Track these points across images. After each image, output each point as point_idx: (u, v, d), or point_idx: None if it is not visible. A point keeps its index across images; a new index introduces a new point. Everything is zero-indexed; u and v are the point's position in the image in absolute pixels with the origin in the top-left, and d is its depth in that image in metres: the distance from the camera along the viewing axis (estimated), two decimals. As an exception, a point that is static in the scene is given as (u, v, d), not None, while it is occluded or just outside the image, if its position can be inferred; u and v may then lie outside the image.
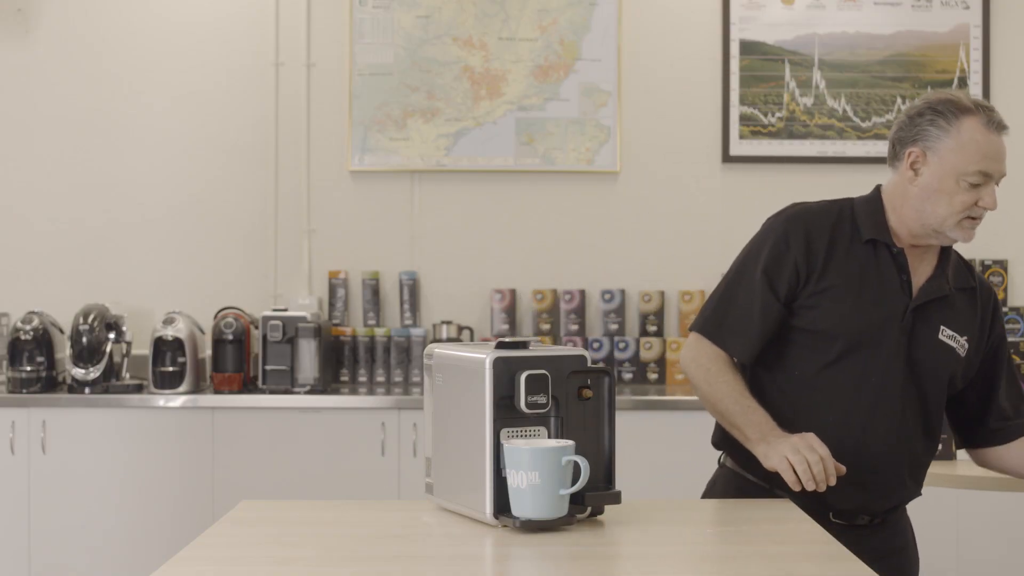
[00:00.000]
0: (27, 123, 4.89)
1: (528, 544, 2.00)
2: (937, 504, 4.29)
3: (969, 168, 2.45)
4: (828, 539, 2.07)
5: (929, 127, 2.48)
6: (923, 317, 2.51)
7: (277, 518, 2.23)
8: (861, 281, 2.51)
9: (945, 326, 2.52)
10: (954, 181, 2.46)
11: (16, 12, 4.89)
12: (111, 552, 4.34)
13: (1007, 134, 2.48)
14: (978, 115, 2.46)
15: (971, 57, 4.88)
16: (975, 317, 2.58)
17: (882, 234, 2.53)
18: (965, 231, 2.50)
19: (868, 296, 2.50)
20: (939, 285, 2.54)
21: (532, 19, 4.86)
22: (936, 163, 2.48)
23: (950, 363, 2.53)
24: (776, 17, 4.88)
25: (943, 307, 2.53)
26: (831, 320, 2.50)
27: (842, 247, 2.53)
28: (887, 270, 2.52)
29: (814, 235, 2.52)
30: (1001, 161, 2.47)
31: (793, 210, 2.58)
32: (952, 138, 2.46)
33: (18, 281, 4.87)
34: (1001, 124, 2.48)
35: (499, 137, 4.86)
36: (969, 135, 2.45)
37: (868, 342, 2.49)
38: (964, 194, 2.47)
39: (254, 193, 4.91)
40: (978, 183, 2.46)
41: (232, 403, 4.39)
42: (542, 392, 2.07)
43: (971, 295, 2.59)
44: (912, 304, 2.51)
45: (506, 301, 4.84)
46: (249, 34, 4.90)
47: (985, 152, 2.45)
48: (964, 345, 2.54)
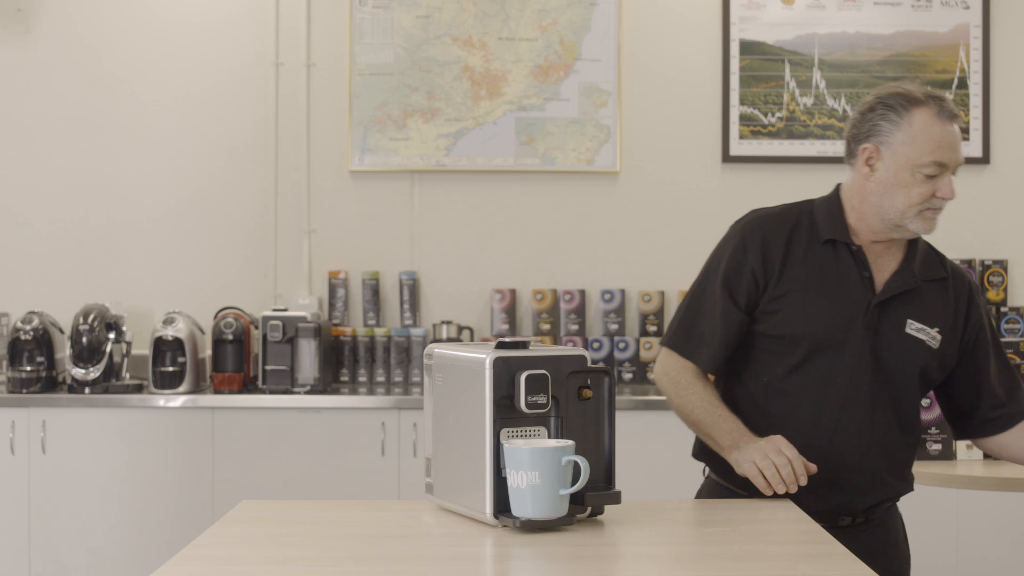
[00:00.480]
0: (27, 123, 4.89)
1: (528, 544, 2.00)
2: (937, 504, 4.29)
3: (923, 159, 2.45)
4: (828, 539, 2.07)
5: (881, 121, 2.49)
6: (888, 312, 2.51)
7: (277, 518, 2.23)
8: (821, 282, 2.52)
9: (912, 319, 2.51)
10: (909, 174, 2.46)
11: (16, 12, 4.89)
12: (111, 552, 4.34)
13: (960, 123, 2.48)
14: (928, 105, 2.46)
15: (971, 57, 4.88)
16: (947, 307, 2.56)
17: (840, 233, 2.54)
18: (926, 222, 2.50)
19: (829, 297, 2.51)
20: (904, 279, 2.53)
21: (532, 19, 4.87)
22: (890, 157, 2.48)
23: (920, 356, 2.51)
24: (776, 17, 4.88)
25: (909, 300, 2.53)
26: (793, 324, 2.51)
27: (800, 250, 2.54)
28: (847, 269, 2.52)
29: (770, 240, 2.54)
30: (956, 150, 2.46)
31: (749, 217, 2.60)
32: (904, 131, 2.46)
33: (18, 281, 4.87)
34: (953, 113, 2.46)
35: (499, 137, 4.86)
36: (921, 126, 2.45)
37: (832, 342, 2.49)
38: (921, 186, 2.46)
39: (254, 193, 4.91)
40: (934, 174, 2.46)
41: (232, 403, 4.39)
42: (542, 392, 2.07)
43: (942, 285, 2.58)
44: (874, 300, 2.50)
45: (506, 301, 4.84)
46: (249, 34, 4.90)
47: (938, 142, 2.45)
48: (936, 336, 2.53)
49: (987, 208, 4.92)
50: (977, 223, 4.91)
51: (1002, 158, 4.91)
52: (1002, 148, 4.91)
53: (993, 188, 4.91)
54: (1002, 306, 4.79)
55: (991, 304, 4.81)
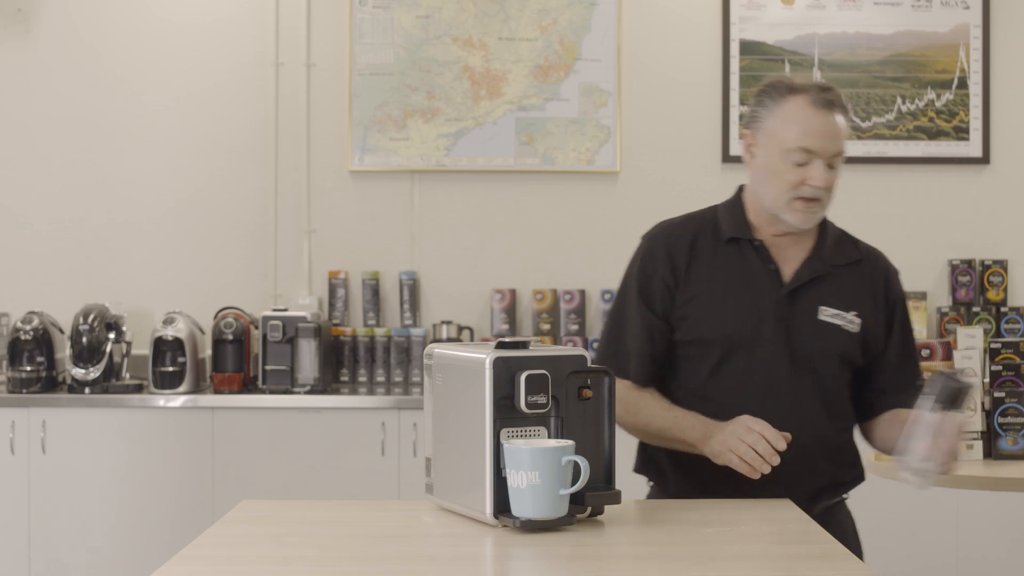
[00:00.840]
0: (27, 123, 4.89)
1: (528, 544, 2.00)
2: (937, 504, 4.29)
3: (791, 144, 2.46)
4: (828, 539, 2.07)
5: (759, 108, 2.52)
6: (798, 302, 2.52)
7: (277, 518, 2.23)
8: (726, 282, 2.54)
9: (825, 306, 2.51)
10: (780, 159, 2.47)
11: (16, 12, 4.89)
12: (111, 552, 4.34)
13: (841, 114, 2.47)
14: (805, 93, 2.47)
15: (971, 57, 4.88)
16: (864, 289, 2.57)
17: (740, 230, 2.56)
18: (797, 213, 2.50)
19: (736, 296, 2.53)
20: (812, 267, 2.54)
21: (532, 19, 4.87)
22: (764, 143, 2.50)
23: (838, 342, 2.51)
24: (776, 17, 4.88)
25: (821, 287, 2.53)
26: (702, 326, 2.53)
27: (704, 254, 2.56)
28: (753, 265, 2.54)
29: (674, 248, 2.57)
30: (827, 138, 2.45)
31: (654, 229, 2.64)
32: (776, 116, 2.49)
33: (18, 281, 4.87)
34: (831, 102, 2.46)
35: (499, 137, 4.86)
36: (792, 112, 2.47)
37: (744, 340, 2.50)
38: (790, 173, 2.47)
39: (254, 193, 4.91)
40: (802, 161, 2.46)
41: (232, 403, 4.39)
42: (542, 392, 2.07)
43: (856, 268, 2.58)
44: (782, 292, 2.51)
45: (506, 301, 4.84)
46: (249, 34, 4.90)
47: (806, 128, 2.45)
48: (854, 320, 2.53)
49: (987, 208, 4.92)
50: (977, 223, 4.91)
51: (1002, 158, 4.91)
52: (1002, 148, 4.91)
53: (993, 188, 4.91)
54: (1002, 306, 4.79)
55: (991, 304, 4.81)
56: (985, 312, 4.78)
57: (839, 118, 2.47)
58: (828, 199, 2.51)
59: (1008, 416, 3.26)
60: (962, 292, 4.83)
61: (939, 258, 4.91)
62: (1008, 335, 4.70)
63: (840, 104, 2.48)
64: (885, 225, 4.89)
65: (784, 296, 2.51)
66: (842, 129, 2.48)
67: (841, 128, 2.48)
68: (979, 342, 3.39)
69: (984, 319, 4.76)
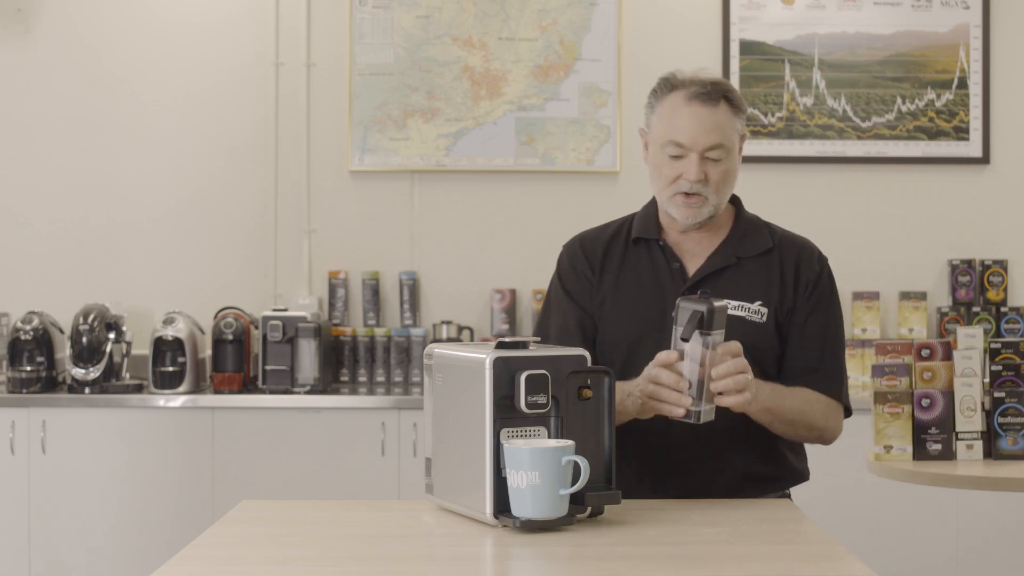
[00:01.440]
0: (27, 123, 4.89)
1: (528, 544, 2.00)
2: (937, 504, 4.29)
3: (664, 137, 2.49)
4: (828, 539, 2.07)
5: (648, 106, 2.58)
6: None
7: (277, 518, 2.23)
8: (633, 283, 2.56)
9: (727, 298, 2.47)
10: (659, 154, 2.51)
11: (16, 12, 4.89)
12: (111, 552, 4.34)
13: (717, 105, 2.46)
14: (683, 88, 2.50)
15: (971, 57, 4.88)
16: (772, 278, 2.54)
17: (646, 231, 2.60)
18: (679, 208, 2.51)
19: (641, 295, 2.55)
20: (715, 261, 2.54)
21: (532, 19, 4.87)
22: (651, 139, 2.55)
23: (742, 333, 2.44)
24: (776, 17, 4.88)
25: (724, 280, 2.53)
26: (610, 329, 2.55)
27: (616, 257, 2.60)
28: (658, 264, 2.57)
29: (588, 252, 2.63)
30: (699, 132, 2.45)
31: (572, 239, 2.70)
32: (657, 112, 2.54)
33: (18, 281, 4.87)
34: (707, 95, 2.47)
35: (499, 137, 4.86)
36: (668, 107, 2.50)
37: (647, 338, 2.49)
38: (667, 167, 2.50)
39: (254, 193, 4.91)
40: (675, 154, 2.48)
41: (232, 403, 4.39)
42: (542, 392, 2.07)
43: (767, 257, 2.56)
44: (683, 287, 2.52)
45: (506, 301, 4.84)
46: (249, 34, 4.90)
47: (676, 122, 2.48)
48: (760, 310, 2.51)
49: (987, 208, 4.92)
50: (977, 223, 4.91)
51: (1002, 158, 4.91)
52: (1002, 148, 4.91)
53: (993, 188, 4.91)
54: (1002, 306, 4.79)
55: (991, 304, 4.81)
56: (985, 312, 4.78)
57: (717, 110, 2.47)
58: (713, 194, 2.49)
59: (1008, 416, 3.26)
60: (962, 292, 4.83)
61: (939, 258, 4.91)
62: (1008, 335, 4.70)
63: (720, 97, 2.47)
64: (885, 225, 4.89)
65: (686, 291, 2.50)
66: (720, 122, 2.47)
67: (718, 121, 2.47)
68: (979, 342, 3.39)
69: (984, 319, 4.76)
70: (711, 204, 2.50)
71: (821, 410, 2.51)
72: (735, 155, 2.52)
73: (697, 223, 2.53)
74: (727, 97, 2.49)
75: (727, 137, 2.49)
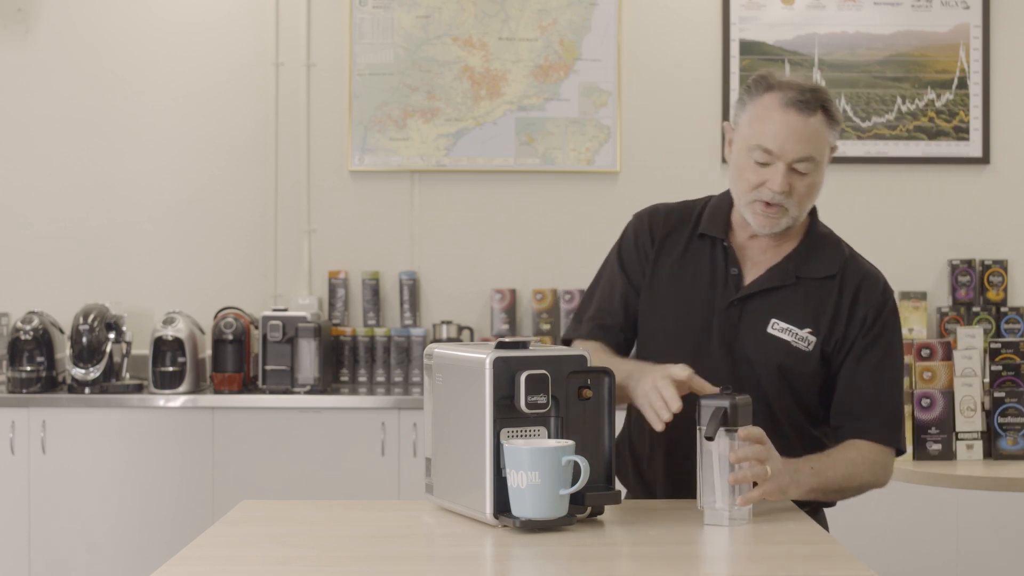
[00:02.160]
0: (27, 123, 4.89)
1: (528, 544, 2.00)
2: (937, 504, 4.29)
3: (752, 141, 2.35)
4: (828, 539, 2.07)
5: (739, 101, 2.44)
6: (751, 310, 2.41)
7: (277, 518, 2.23)
8: (691, 278, 2.46)
9: (777, 319, 2.39)
10: (744, 156, 2.37)
11: (16, 12, 4.89)
12: (111, 552, 4.34)
13: (815, 115, 2.33)
14: (780, 91, 2.35)
15: (971, 57, 4.88)
16: (828, 307, 2.40)
17: (714, 229, 2.48)
18: (757, 216, 2.38)
19: (694, 291, 2.45)
20: (773, 277, 2.42)
21: (532, 19, 4.87)
22: (737, 137, 2.41)
23: (781, 357, 2.38)
24: (776, 17, 4.88)
25: (779, 298, 2.41)
26: (653, 317, 2.48)
27: (678, 243, 2.50)
28: (717, 265, 2.46)
29: (654, 227, 2.52)
30: (791, 140, 2.32)
31: (645, 209, 2.58)
32: (749, 111, 2.39)
33: (18, 281, 4.87)
34: (806, 104, 2.32)
35: (499, 137, 4.86)
36: (762, 109, 2.36)
37: (691, 339, 2.42)
38: (751, 171, 2.36)
39: (254, 193, 4.91)
40: (762, 161, 2.34)
41: (232, 403, 4.39)
42: (542, 392, 2.07)
43: (828, 283, 2.42)
44: (735, 297, 2.42)
45: (506, 301, 4.84)
46: (249, 34, 4.90)
47: (768, 127, 2.33)
48: (807, 338, 2.39)
49: (987, 208, 4.92)
50: (977, 223, 4.92)
51: (1002, 158, 4.91)
52: (1002, 148, 4.91)
53: (993, 188, 4.91)
54: (1002, 306, 4.79)
55: (991, 304, 4.81)
56: (985, 312, 4.78)
57: (812, 120, 2.33)
58: (795, 207, 2.37)
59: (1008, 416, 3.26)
60: (962, 292, 4.83)
61: (939, 258, 4.91)
62: (1008, 335, 4.70)
63: (818, 107, 2.34)
64: (885, 225, 4.89)
65: (737, 301, 2.42)
66: (815, 133, 2.33)
67: (813, 132, 2.33)
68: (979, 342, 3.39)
69: (984, 319, 4.76)
70: (791, 216, 2.38)
71: (868, 467, 2.37)
72: (822, 168, 2.37)
73: (766, 233, 2.41)
74: (825, 107, 2.35)
75: (818, 150, 2.35)
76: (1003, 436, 3.26)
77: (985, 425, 3.27)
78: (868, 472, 2.37)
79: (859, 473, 2.35)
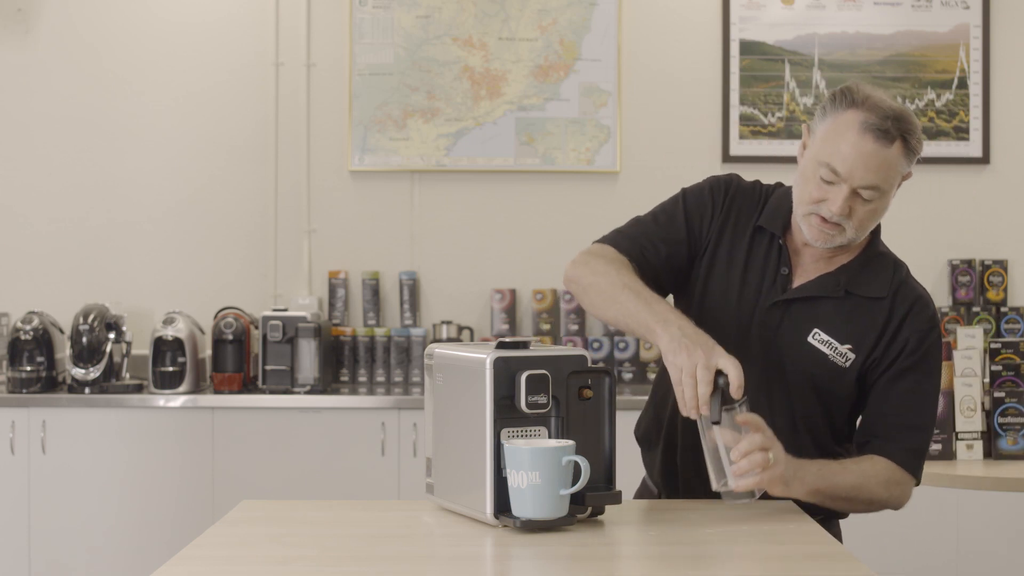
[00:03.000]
0: (27, 123, 4.89)
1: (528, 544, 2.00)
2: (937, 504, 4.29)
3: (822, 157, 2.27)
4: (828, 539, 2.07)
5: (820, 110, 2.36)
6: (794, 315, 2.37)
7: (277, 518, 2.23)
8: (744, 266, 2.41)
9: (820, 329, 2.34)
10: (812, 167, 2.31)
11: (16, 12, 4.89)
12: (111, 552, 4.34)
13: (892, 145, 2.24)
14: (862, 112, 2.26)
15: (971, 57, 4.88)
16: (873, 327, 2.34)
17: (772, 224, 2.42)
18: (812, 229, 2.32)
19: (742, 281, 2.41)
20: (822, 285, 2.37)
21: (532, 19, 4.87)
22: (811, 144, 2.34)
23: (818, 370, 2.34)
24: (776, 17, 4.88)
25: (825, 310, 2.36)
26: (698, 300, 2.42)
27: (741, 228, 2.44)
28: (770, 261, 2.41)
29: (728, 201, 2.45)
30: (861, 168, 2.24)
31: (727, 176, 2.51)
32: (827, 123, 2.31)
33: (18, 281, 4.87)
34: (885, 133, 2.24)
35: (499, 137, 4.86)
36: (841, 125, 2.27)
37: (730, 327, 2.37)
38: (814, 185, 2.29)
39: (254, 193, 4.91)
40: (828, 179, 2.27)
41: (232, 403, 4.39)
42: (542, 392, 2.07)
43: (878, 304, 2.36)
44: (778, 299, 2.37)
45: (506, 301, 4.84)
46: (249, 34, 4.90)
47: (840, 148, 2.26)
48: (846, 354, 2.33)
49: (987, 208, 4.92)
50: (977, 223, 4.92)
51: (1002, 158, 4.92)
52: (1002, 148, 4.92)
53: (993, 188, 4.91)
54: (1002, 306, 4.79)
55: (991, 304, 4.81)
56: (985, 312, 4.78)
57: (888, 150, 2.25)
58: (852, 229, 2.30)
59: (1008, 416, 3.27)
60: (962, 292, 4.83)
61: (939, 258, 4.91)
62: (1008, 335, 4.70)
63: (898, 136, 2.25)
64: (885, 225, 4.86)
65: (781, 303, 2.38)
66: (887, 163, 2.25)
67: (886, 162, 2.25)
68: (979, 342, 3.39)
69: (984, 319, 4.76)
70: (847, 236, 2.31)
71: (882, 483, 2.30)
72: (890, 196, 2.31)
73: (818, 246, 2.34)
74: (905, 137, 2.26)
75: (888, 180, 2.28)
76: (1003, 436, 3.26)
77: (985, 425, 3.27)
78: (881, 488, 2.31)
79: (870, 486, 2.29)
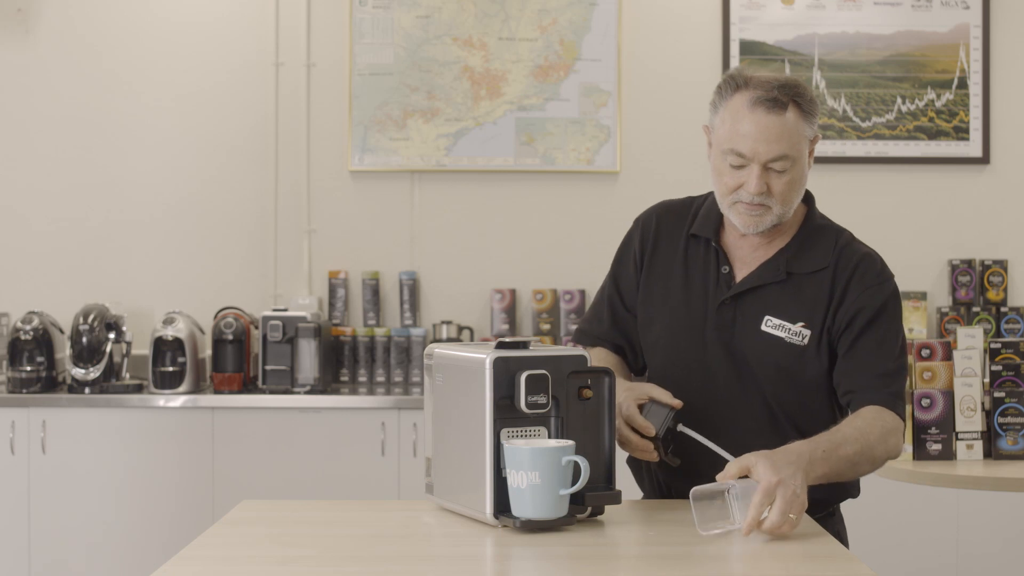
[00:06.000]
0: (27, 123, 4.89)
1: (528, 544, 2.00)
2: (937, 504, 4.29)
3: (725, 145, 2.30)
4: (828, 539, 2.07)
5: (712, 104, 2.38)
6: (744, 309, 2.38)
7: (277, 518, 2.23)
8: (684, 278, 2.44)
9: (771, 316, 2.35)
10: (720, 159, 2.34)
11: (16, 12, 4.89)
12: (111, 552, 4.34)
13: (786, 112, 2.25)
14: (748, 91, 2.28)
15: (971, 57, 4.88)
16: (821, 297, 2.35)
17: (704, 229, 2.44)
18: (740, 216, 2.33)
19: (687, 292, 2.43)
20: (763, 274, 2.37)
21: (532, 19, 4.87)
22: (714, 139, 2.37)
23: (778, 355, 2.34)
24: (776, 17, 4.88)
25: (771, 295, 2.37)
26: (650, 320, 2.48)
27: (673, 244, 2.48)
28: (709, 264, 2.43)
29: (646, 234, 2.51)
30: (763, 142, 2.26)
31: (648, 210, 2.57)
32: (720, 113, 2.33)
33: (18, 281, 4.87)
34: (774, 102, 2.25)
35: (499, 137, 4.86)
36: (733, 109, 2.29)
37: (682, 339, 2.40)
38: (728, 175, 2.32)
39: (254, 193, 4.91)
40: (738, 164, 2.30)
41: (232, 403, 4.39)
42: (542, 392, 2.07)
43: (821, 275, 2.36)
44: (726, 296, 2.38)
45: (506, 301, 4.84)
46: (249, 34, 4.90)
47: (738, 130, 2.28)
48: (801, 332, 2.33)
49: (987, 208, 4.92)
50: (977, 223, 4.92)
51: (1002, 158, 4.92)
52: (1002, 148, 4.92)
53: (993, 188, 4.91)
54: (1002, 306, 4.79)
55: (991, 304, 4.81)
56: (985, 312, 4.78)
57: (783, 118, 2.26)
58: (777, 204, 2.31)
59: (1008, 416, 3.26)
60: (962, 292, 4.83)
61: (939, 258, 4.91)
62: (1008, 335, 4.70)
63: (788, 102, 2.26)
64: (885, 225, 4.89)
65: (729, 300, 2.39)
66: (787, 131, 2.26)
67: (785, 130, 2.26)
68: (979, 342, 3.39)
69: (984, 319, 4.76)
70: (775, 213, 2.32)
71: (879, 435, 2.26)
72: (803, 163, 2.31)
73: (751, 232, 2.36)
74: (796, 101, 2.28)
75: (794, 147, 2.28)
76: (1003, 436, 3.26)
77: (985, 425, 3.27)
78: (879, 441, 2.26)
79: (871, 444, 2.24)
